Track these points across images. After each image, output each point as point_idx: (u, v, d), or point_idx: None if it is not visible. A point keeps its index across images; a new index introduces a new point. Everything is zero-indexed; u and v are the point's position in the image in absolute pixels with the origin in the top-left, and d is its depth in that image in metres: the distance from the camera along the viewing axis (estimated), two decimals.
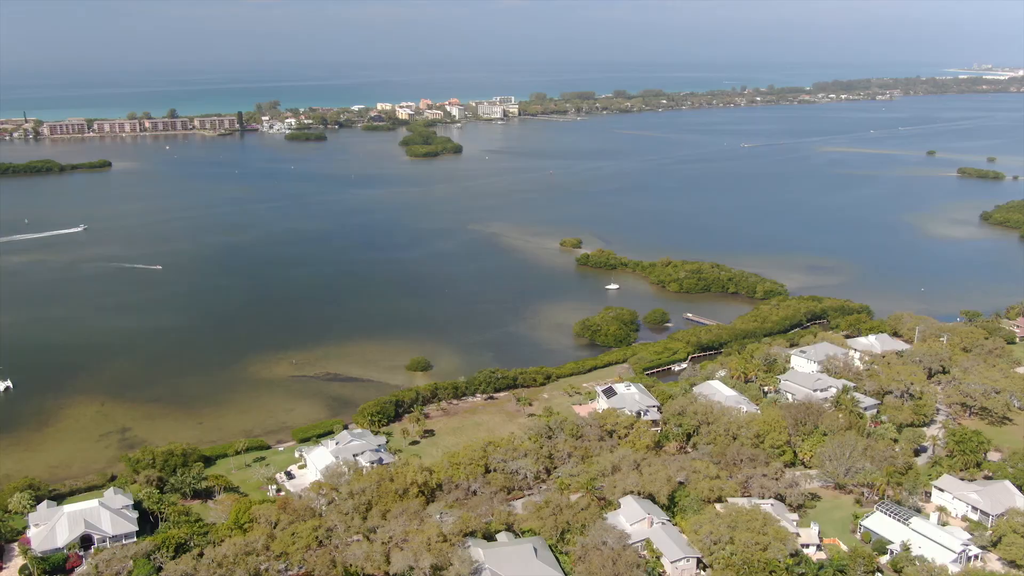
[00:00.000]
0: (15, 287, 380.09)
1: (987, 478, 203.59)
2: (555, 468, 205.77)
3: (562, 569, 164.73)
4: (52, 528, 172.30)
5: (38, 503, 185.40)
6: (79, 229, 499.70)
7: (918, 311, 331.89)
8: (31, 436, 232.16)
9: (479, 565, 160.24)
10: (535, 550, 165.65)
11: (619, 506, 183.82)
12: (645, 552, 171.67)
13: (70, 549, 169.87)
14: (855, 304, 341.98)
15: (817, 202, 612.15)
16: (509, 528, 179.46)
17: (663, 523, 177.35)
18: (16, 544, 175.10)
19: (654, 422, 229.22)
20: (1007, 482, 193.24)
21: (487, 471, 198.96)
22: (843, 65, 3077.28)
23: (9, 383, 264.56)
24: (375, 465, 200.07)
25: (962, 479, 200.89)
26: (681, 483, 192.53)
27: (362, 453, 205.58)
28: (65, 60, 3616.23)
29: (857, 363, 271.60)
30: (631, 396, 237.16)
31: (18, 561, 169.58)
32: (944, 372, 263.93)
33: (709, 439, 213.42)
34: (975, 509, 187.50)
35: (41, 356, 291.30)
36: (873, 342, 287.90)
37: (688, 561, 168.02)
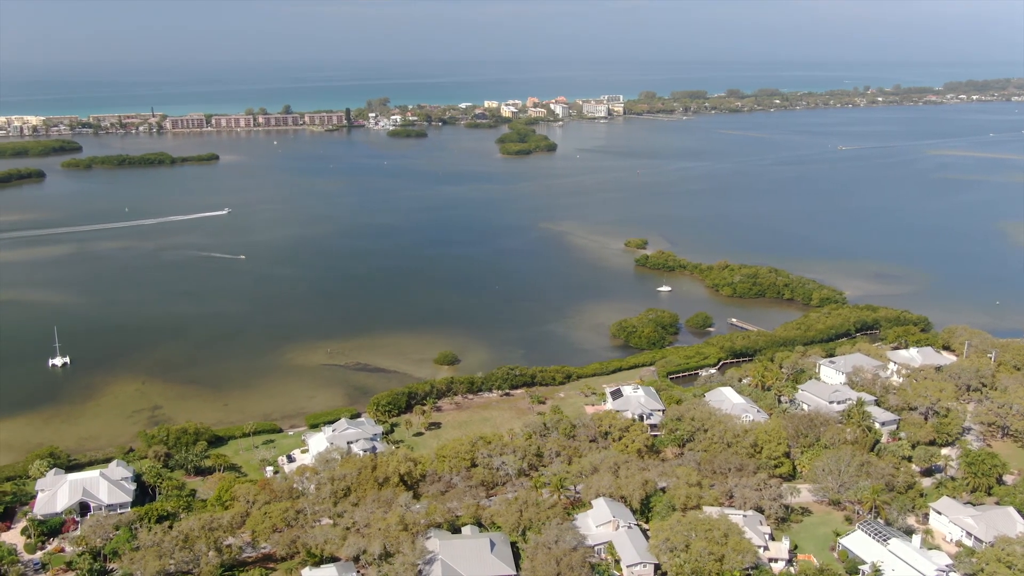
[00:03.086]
0: (97, 271, 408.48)
1: (998, 503, 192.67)
2: (545, 466, 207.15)
3: (517, 565, 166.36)
4: (54, 494, 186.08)
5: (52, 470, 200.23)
6: (224, 212, 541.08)
7: (983, 325, 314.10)
8: (72, 409, 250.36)
9: (433, 556, 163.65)
10: (492, 544, 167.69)
11: (592, 507, 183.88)
12: (607, 555, 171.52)
13: (68, 514, 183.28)
14: (912, 315, 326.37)
15: (907, 207, 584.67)
16: (478, 522, 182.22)
17: (629, 527, 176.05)
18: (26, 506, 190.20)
19: (653, 426, 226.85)
20: (1010, 508, 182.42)
21: (473, 465, 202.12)
22: (984, 64, 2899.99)
23: (67, 359, 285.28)
24: (367, 453, 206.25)
25: (968, 502, 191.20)
26: (663, 489, 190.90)
27: (356, 441, 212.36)
28: (195, 58, 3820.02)
29: (892, 376, 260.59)
30: (636, 399, 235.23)
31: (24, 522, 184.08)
32: (981, 390, 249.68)
33: (704, 446, 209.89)
34: (969, 535, 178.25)
35: (102, 336, 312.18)
36: (914, 355, 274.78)
37: (645, 567, 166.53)
